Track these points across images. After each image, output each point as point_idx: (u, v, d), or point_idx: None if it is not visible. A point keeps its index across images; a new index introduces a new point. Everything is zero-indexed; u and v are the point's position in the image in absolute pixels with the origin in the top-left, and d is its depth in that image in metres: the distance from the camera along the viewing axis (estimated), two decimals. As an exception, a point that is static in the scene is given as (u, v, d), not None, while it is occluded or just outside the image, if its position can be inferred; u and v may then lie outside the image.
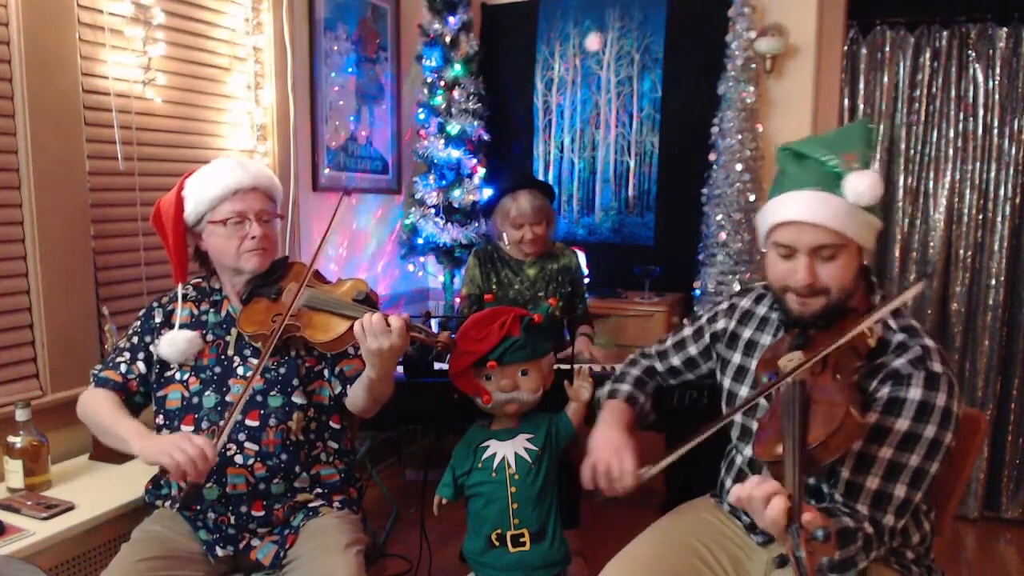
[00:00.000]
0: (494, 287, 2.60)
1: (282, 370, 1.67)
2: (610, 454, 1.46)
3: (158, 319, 1.71)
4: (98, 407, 1.62)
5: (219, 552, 1.62)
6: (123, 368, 1.67)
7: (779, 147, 1.41)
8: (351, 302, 1.60)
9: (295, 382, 1.66)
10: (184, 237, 1.71)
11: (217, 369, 1.67)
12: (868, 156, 1.34)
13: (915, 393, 1.27)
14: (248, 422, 1.62)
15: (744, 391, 1.56)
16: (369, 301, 1.60)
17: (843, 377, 1.25)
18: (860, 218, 1.31)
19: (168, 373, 1.67)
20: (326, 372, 1.72)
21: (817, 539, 0.98)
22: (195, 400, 1.64)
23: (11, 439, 1.83)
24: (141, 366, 1.67)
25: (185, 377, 1.66)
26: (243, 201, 1.65)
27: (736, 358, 1.60)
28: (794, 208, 1.33)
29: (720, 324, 1.66)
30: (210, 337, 1.70)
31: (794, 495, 1.06)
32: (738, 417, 1.56)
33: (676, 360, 1.74)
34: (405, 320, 1.50)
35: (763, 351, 1.50)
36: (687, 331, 1.73)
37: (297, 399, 1.66)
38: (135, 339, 1.70)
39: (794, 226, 1.33)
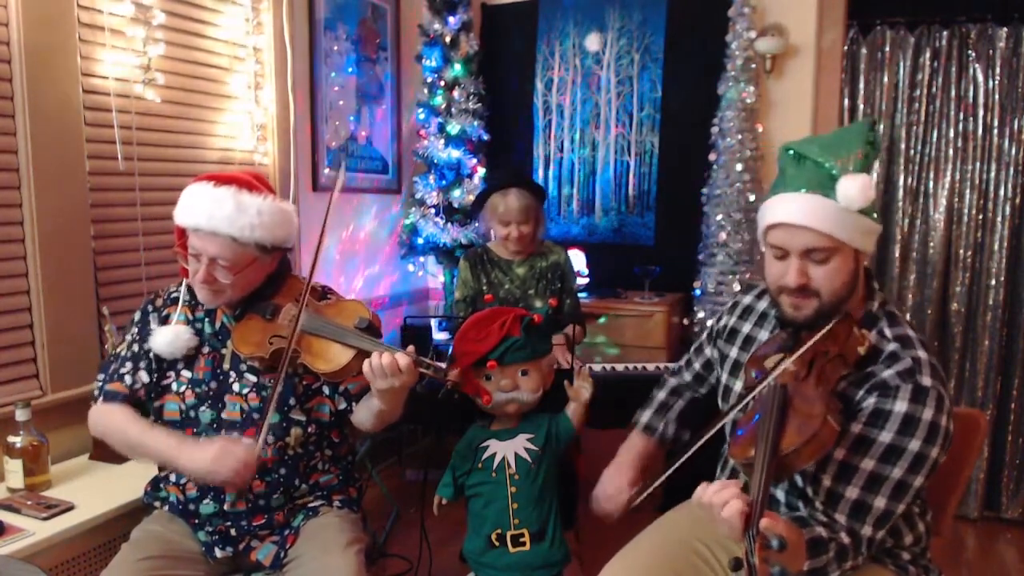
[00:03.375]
0: (484, 288, 2.60)
1: (278, 388, 1.61)
2: (604, 484, 1.57)
3: (154, 325, 1.67)
4: (119, 425, 1.59)
5: (218, 553, 1.62)
6: (128, 379, 1.63)
7: (782, 146, 1.40)
8: (352, 329, 1.54)
9: (292, 401, 1.64)
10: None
11: (213, 384, 1.64)
12: (870, 156, 1.32)
13: (900, 406, 1.25)
14: (245, 440, 1.58)
15: (739, 386, 1.56)
16: (371, 329, 1.55)
17: (826, 385, 1.24)
18: (853, 221, 1.29)
19: (165, 382, 1.65)
20: (326, 389, 1.69)
21: (772, 547, 0.98)
22: (191, 414, 1.62)
23: (11, 439, 1.83)
24: (144, 376, 1.64)
25: (182, 390, 1.64)
26: (200, 240, 1.56)
27: (733, 352, 1.61)
28: (786, 210, 1.33)
29: (723, 321, 1.68)
30: (206, 349, 1.66)
31: (756, 500, 1.05)
32: (732, 416, 1.56)
33: (698, 365, 1.76)
34: (412, 357, 1.48)
35: (758, 346, 1.51)
36: (704, 336, 1.77)
37: (295, 416, 1.64)
38: (135, 347, 1.66)
39: (786, 228, 1.33)
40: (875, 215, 1.34)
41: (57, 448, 2.00)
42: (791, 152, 1.37)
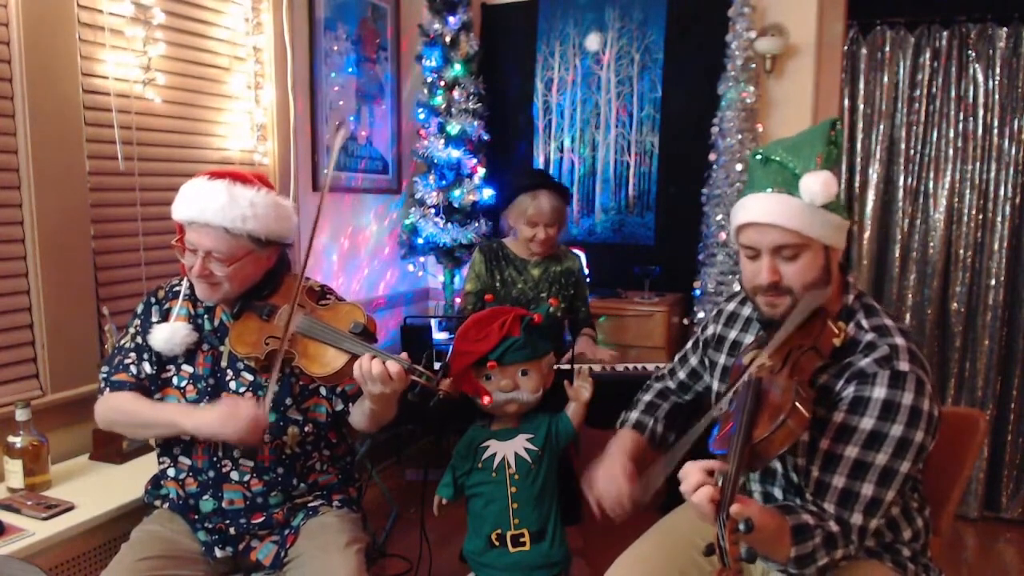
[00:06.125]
0: (497, 285, 2.60)
1: (275, 388, 1.62)
2: (606, 484, 1.54)
3: (155, 318, 1.68)
4: (128, 407, 1.61)
5: (218, 553, 1.62)
6: (133, 369, 1.64)
7: (751, 151, 1.44)
8: (348, 333, 1.54)
9: (288, 401, 1.65)
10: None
11: (211, 380, 1.64)
12: (832, 155, 1.35)
13: (879, 392, 1.27)
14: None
15: None
16: (366, 333, 1.55)
17: (800, 375, 1.26)
18: (819, 217, 1.32)
19: (165, 375, 1.66)
20: (322, 390, 1.69)
21: (740, 531, 1.01)
22: None
23: (11, 439, 1.83)
24: (147, 367, 1.65)
25: (183, 385, 1.64)
26: (195, 233, 1.57)
27: (722, 359, 1.63)
28: (754, 210, 1.36)
29: (709, 330, 1.69)
30: (205, 346, 1.66)
31: (727, 487, 1.08)
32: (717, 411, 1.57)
33: (682, 374, 1.77)
34: (403, 366, 1.47)
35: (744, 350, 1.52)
36: (689, 344, 1.77)
37: (292, 415, 1.65)
38: (139, 339, 1.67)
39: (755, 227, 1.36)
40: (842, 210, 1.37)
41: (57, 448, 2.00)
42: (758, 156, 1.41)
